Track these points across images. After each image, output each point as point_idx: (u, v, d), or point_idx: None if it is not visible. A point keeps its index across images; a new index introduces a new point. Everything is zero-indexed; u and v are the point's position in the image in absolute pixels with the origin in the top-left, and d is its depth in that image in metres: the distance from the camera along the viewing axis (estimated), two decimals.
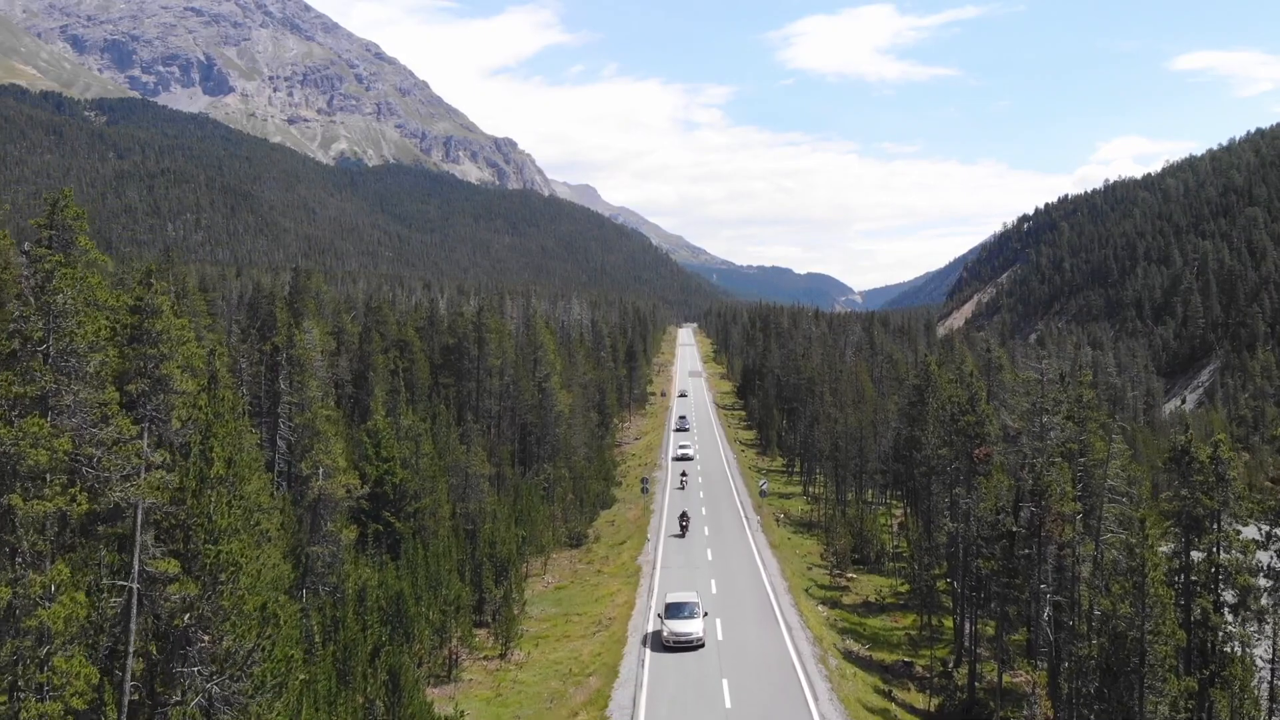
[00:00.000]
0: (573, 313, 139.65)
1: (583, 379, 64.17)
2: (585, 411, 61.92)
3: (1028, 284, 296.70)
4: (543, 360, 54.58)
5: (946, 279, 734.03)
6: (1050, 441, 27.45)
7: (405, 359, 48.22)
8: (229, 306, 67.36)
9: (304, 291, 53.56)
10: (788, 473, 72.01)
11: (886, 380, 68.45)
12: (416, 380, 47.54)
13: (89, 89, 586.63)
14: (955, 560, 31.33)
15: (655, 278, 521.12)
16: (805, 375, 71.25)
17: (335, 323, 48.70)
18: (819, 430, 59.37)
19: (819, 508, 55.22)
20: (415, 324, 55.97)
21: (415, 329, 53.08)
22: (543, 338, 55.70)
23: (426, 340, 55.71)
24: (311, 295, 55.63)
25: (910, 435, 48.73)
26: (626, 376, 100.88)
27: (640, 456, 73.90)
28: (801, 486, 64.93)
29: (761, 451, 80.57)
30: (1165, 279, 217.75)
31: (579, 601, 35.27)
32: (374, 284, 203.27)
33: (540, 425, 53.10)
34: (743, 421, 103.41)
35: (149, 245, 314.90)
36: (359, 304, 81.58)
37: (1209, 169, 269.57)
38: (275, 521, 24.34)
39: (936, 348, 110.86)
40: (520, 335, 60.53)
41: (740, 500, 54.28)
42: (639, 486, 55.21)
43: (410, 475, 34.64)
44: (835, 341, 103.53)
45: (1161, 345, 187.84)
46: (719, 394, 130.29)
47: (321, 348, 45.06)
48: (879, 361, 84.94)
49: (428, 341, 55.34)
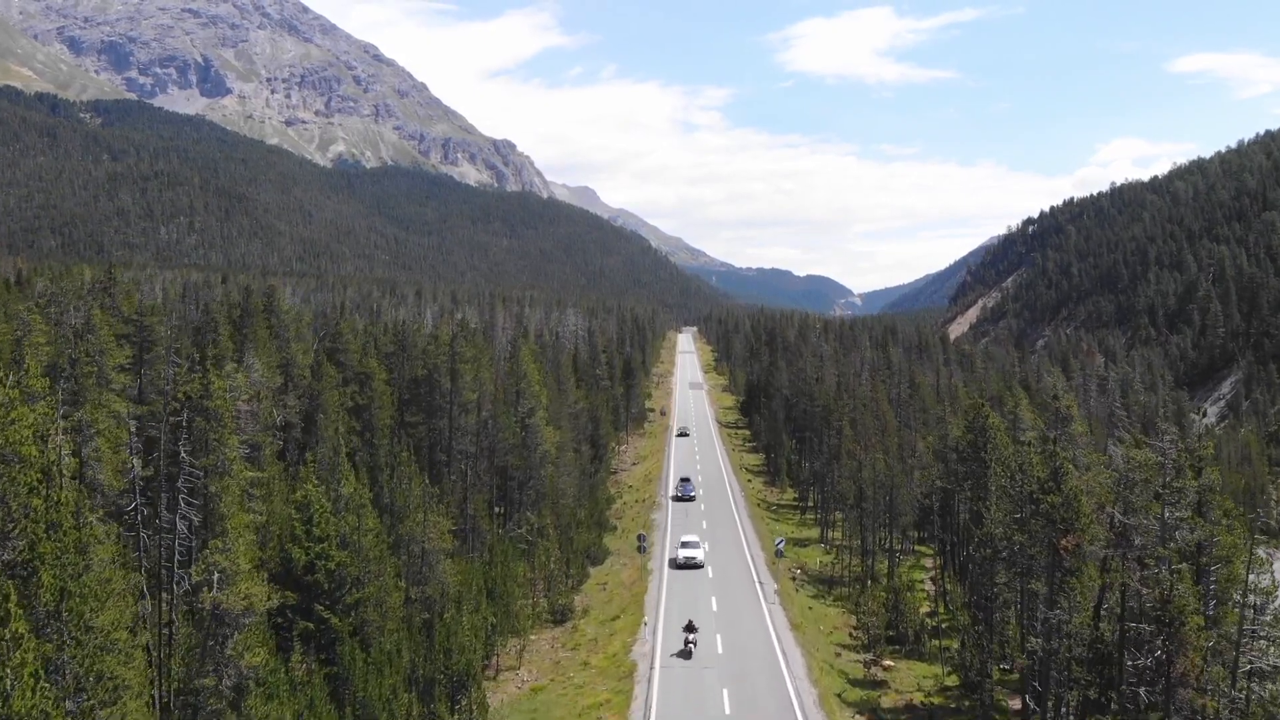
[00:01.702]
0: (568, 324, 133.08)
1: (573, 408, 57.42)
2: (576, 446, 55.19)
3: (1034, 289, 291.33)
4: (527, 393, 47.75)
5: (947, 281, 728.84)
6: (1175, 545, 20.83)
7: (365, 394, 41.51)
8: (186, 325, 60.80)
9: (255, 314, 46.83)
10: (800, 509, 65.24)
11: (909, 408, 61.85)
12: (376, 420, 40.79)
13: (85, 90, 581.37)
14: (1036, 678, 24.20)
15: (655, 280, 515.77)
16: (819, 402, 64.60)
17: (283, 355, 41.99)
18: (839, 470, 52.75)
19: (841, 559, 48.51)
20: (384, 348, 49.05)
21: (381, 358, 46.33)
22: (527, 367, 48.87)
23: (396, 368, 49.09)
24: (265, 316, 48.95)
25: (949, 489, 42.03)
26: (624, 395, 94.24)
27: (637, 489, 67.21)
28: (818, 529, 58.14)
29: (770, 481, 73.87)
30: (1179, 285, 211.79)
31: (558, 717, 28.27)
32: (364, 290, 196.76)
33: (523, 467, 46.31)
34: (747, 442, 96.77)
35: (141, 249, 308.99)
36: (333, 319, 74.77)
37: (1218, 172, 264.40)
38: (139, 665, 17.86)
39: (955, 363, 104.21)
40: (501, 364, 53.66)
41: (750, 554, 47.44)
42: (635, 541, 48.36)
43: (350, 557, 28.09)
44: (847, 357, 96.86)
45: (1179, 355, 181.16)
46: (721, 409, 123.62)
47: (267, 384, 38.44)
48: (896, 381, 78.39)
49: (397, 370, 48.72)
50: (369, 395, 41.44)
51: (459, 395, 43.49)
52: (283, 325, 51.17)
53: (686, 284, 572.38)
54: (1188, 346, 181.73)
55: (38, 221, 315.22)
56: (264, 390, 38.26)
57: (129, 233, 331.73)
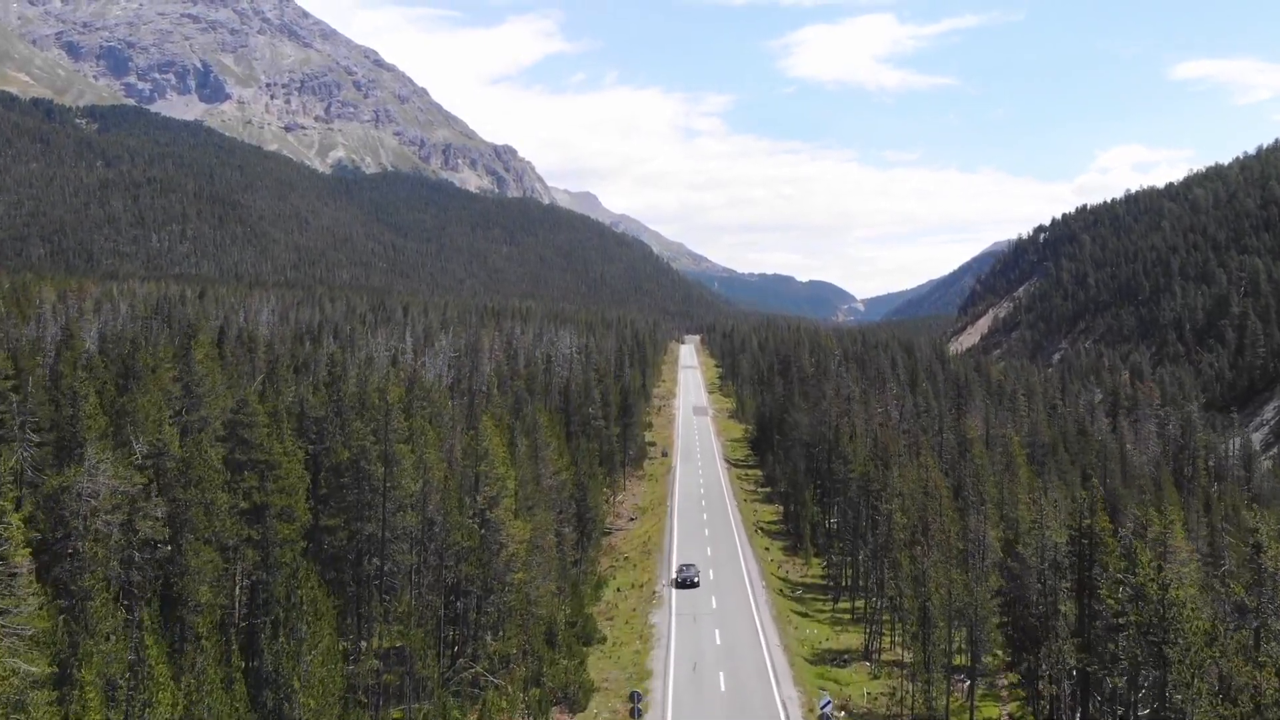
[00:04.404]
0: (562, 345, 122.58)
1: (554, 479, 46.42)
2: (558, 528, 44.16)
3: (1048, 299, 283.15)
4: (489, 476, 36.91)
5: (951, 286, 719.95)
6: None
7: (263, 491, 30.73)
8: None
9: (142, 374, 35.91)
10: (830, 592, 54.00)
11: (962, 471, 50.85)
12: (272, 534, 29.61)
13: (83, 96, 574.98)
14: None
15: (656, 288, 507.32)
16: (853, 469, 53.72)
17: (154, 440, 31.08)
18: (888, 566, 41.70)
19: (894, 687, 37.12)
20: (312, 412, 38.00)
21: (297, 426, 35.57)
22: (490, 443, 37.70)
23: (332, 433, 38.46)
24: (175, 367, 38.39)
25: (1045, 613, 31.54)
26: (620, 436, 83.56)
27: (634, 563, 56.58)
28: (856, 628, 46.60)
29: (790, 547, 63.00)
30: (1208, 299, 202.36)
31: None
32: (351, 304, 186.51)
33: (482, 577, 35.41)
34: (760, 487, 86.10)
35: (131, 257, 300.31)
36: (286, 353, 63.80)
37: (1239, 179, 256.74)
38: None
39: (989, 391, 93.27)
40: (453, 450, 42.40)
41: (779, 686, 36.10)
42: (628, 658, 37.70)
43: None
44: (871, 388, 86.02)
45: (1215, 375, 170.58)
46: (728, 442, 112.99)
47: (121, 489, 27.94)
48: (937, 426, 67.79)
49: (331, 438, 38.11)
50: (269, 489, 30.57)
51: (394, 489, 32.70)
52: (195, 379, 40.62)
53: (688, 291, 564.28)
54: (1224, 366, 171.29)
55: (27, 230, 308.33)
56: (120, 497, 27.72)
57: (119, 240, 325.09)
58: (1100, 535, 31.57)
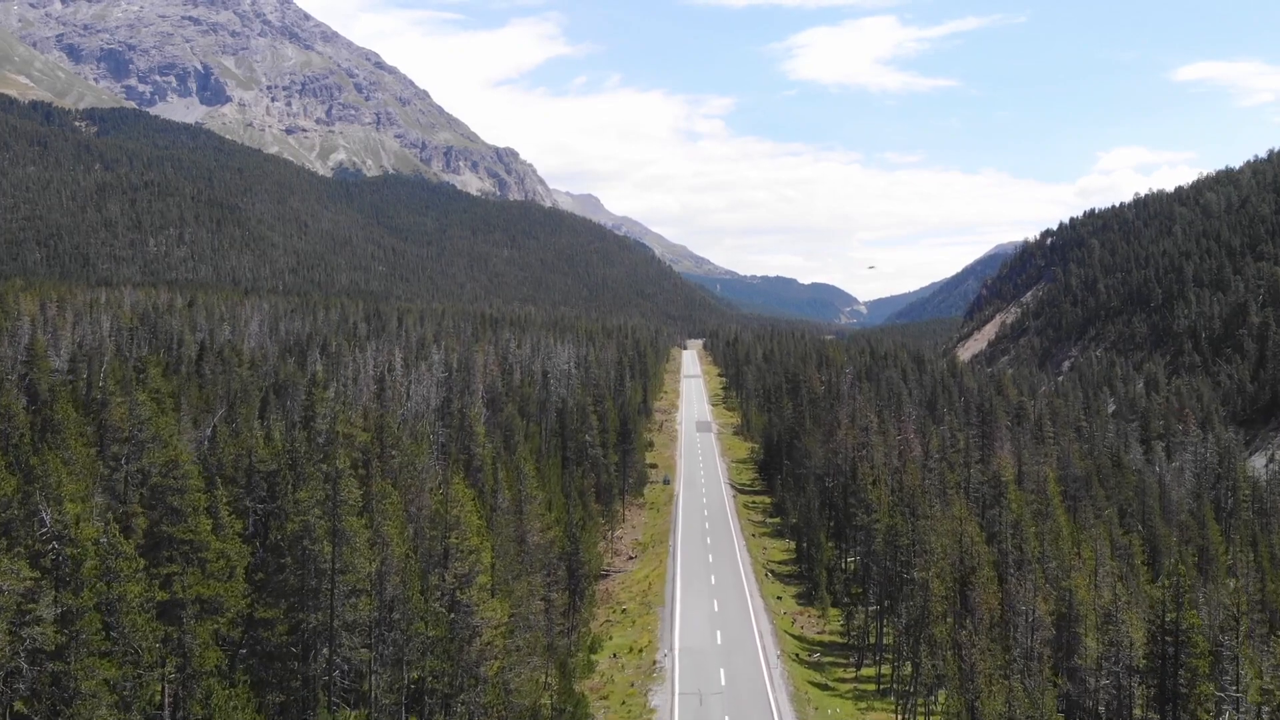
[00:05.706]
0: (559, 360, 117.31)
1: (541, 536, 40.97)
2: (545, 595, 38.65)
3: (1057, 305, 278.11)
4: (460, 550, 31.41)
5: (955, 289, 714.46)
6: None
7: (183, 582, 25.46)
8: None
9: (65, 426, 30.46)
10: (851, 655, 48.40)
11: (999, 522, 45.28)
12: (190, 636, 24.20)
13: (83, 99, 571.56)
14: None
15: (658, 291, 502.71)
16: (878, 518, 48.29)
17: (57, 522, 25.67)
18: (923, 641, 36.30)
19: None
20: (259, 466, 32.43)
21: (245, 483, 30.31)
22: (462, 512, 31.97)
23: (284, 490, 33.20)
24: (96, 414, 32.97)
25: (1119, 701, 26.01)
26: (619, 464, 78.27)
27: (632, 618, 51.21)
28: (884, 702, 41.02)
29: (804, 596, 57.49)
30: (1225, 307, 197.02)
31: None
32: (346, 312, 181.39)
33: (451, 671, 29.92)
34: (769, 517, 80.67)
35: (128, 262, 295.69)
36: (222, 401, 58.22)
37: (1252, 183, 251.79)
38: None
39: (1012, 414, 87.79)
40: (421, 512, 36.76)
41: None
42: None
43: None
44: (892, 414, 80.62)
45: (1235, 387, 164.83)
46: (733, 463, 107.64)
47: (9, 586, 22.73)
48: (964, 459, 62.35)
49: (284, 495, 32.79)
50: (192, 576, 25.17)
51: (345, 570, 27.19)
52: (138, 423, 35.43)
53: (690, 294, 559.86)
54: (1244, 379, 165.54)
55: (23, 234, 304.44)
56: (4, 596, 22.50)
57: (116, 245, 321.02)
58: (1188, 633, 26.20)
